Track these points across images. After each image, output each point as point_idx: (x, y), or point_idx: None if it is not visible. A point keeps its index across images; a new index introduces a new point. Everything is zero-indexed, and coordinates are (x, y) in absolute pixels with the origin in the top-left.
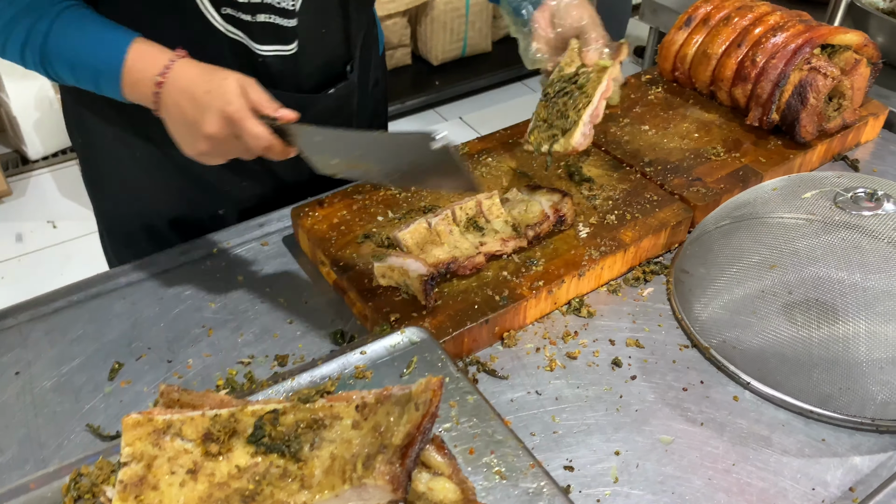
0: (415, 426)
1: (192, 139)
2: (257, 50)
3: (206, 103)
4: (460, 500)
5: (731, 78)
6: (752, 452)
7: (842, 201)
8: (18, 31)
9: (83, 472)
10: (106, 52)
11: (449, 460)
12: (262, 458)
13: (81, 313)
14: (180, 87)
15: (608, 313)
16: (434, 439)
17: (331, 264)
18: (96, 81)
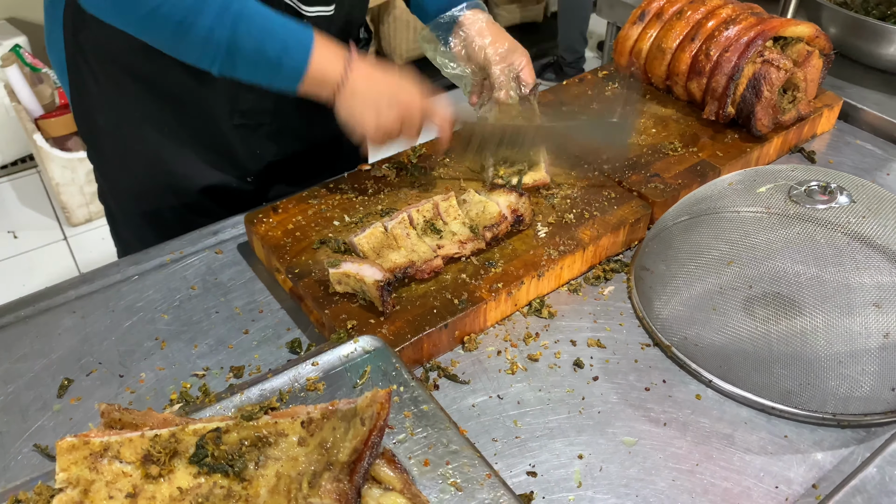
0: (362, 441)
1: (386, 108)
2: (304, 11)
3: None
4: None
5: (686, 72)
6: (716, 452)
7: (796, 195)
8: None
9: (21, 497)
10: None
11: (400, 474)
12: (206, 478)
13: (29, 329)
14: (370, 70)
15: (569, 313)
16: (384, 453)
17: (286, 271)
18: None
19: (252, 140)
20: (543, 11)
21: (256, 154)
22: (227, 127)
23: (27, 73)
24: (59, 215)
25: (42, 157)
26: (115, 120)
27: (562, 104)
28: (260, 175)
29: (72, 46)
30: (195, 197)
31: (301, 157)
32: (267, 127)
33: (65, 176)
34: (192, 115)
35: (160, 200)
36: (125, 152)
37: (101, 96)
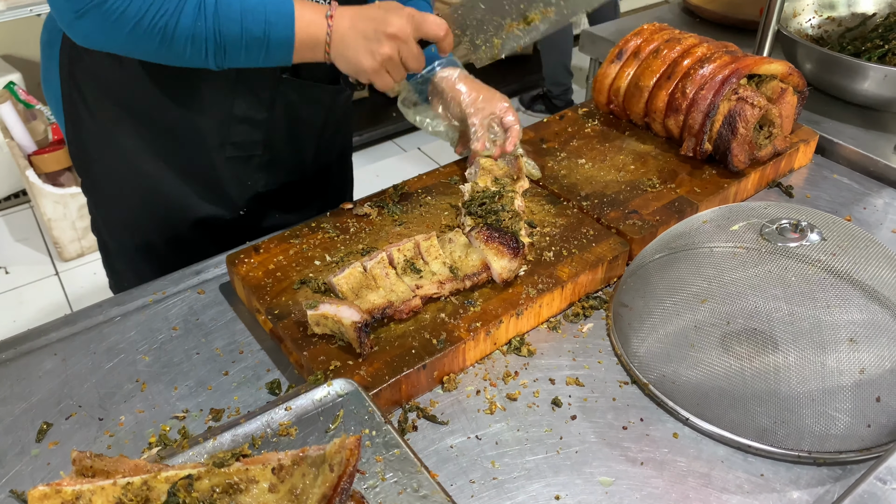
0: (330, 487)
1: (376, 44)
2: None
3: (385, 9)
4: None
5: (664, 109)
6: (692, 491)
7: (767, 233)
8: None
9: None
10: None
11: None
12: None
13: (9, 372)
14: (351, 13)
15: (548, 351)
16: (354, 495)
17: (266, 312)
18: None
19: (243, 171)
20: (532, 45)
21: (248, 185)
22: (218, 159)
23: (21, 109)
24: (51, 250)
25: (34, 192)
26: (109, 152)
27: (542, 141)
28: (252, 206)
29: (67, 81)
30: (188, 229)
31: (292, 187)
32: (258, 158)
33: (57, 211)
34: (184, 148)
35: (154, 233)
36: (119, 184)
37: (96, 129)
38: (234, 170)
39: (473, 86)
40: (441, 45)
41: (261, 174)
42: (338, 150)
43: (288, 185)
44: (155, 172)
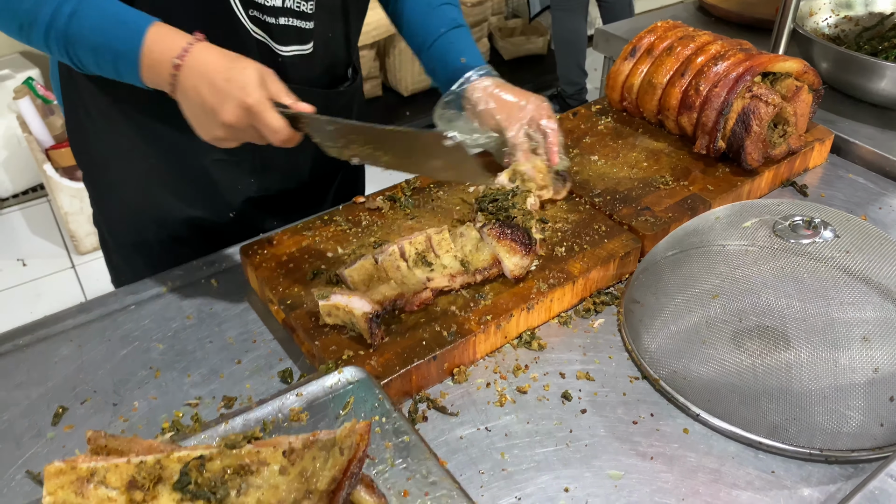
0: (340, 471)
1: (209, 125)
2: (279, 50)
3: (225, 91)
4: None
5: (677, 107)
6: (702, 486)
7: (780, 230)
8: (43, 13)
9: None
10: (126, 34)
11: (378, 499)
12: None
13: (26, 357)
14: (200, 72)
15: (559, 346)
16: (363, 478)
17: (278, 303)
18: (115, 65)
19: (233, 175)
20: (546, 44)
21: (238, 189)
22: (207, 161)
23: (39, 104)
24: (68, 244)
25: (52, 186)
26: (103, 149)
27: None
28: (246, 210)
29: (65, 77)
30: (180, 228)
31: (290, 195)
32: (249, 163)
33: (73, 205)
34: (174, 148)
35: (147, 230)
36: (113, 181)
37: (91, 125)
38: (223, 173)
39: (506, 94)
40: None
41: (253, 179)
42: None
43: (285, 192)
44: (146, 170)
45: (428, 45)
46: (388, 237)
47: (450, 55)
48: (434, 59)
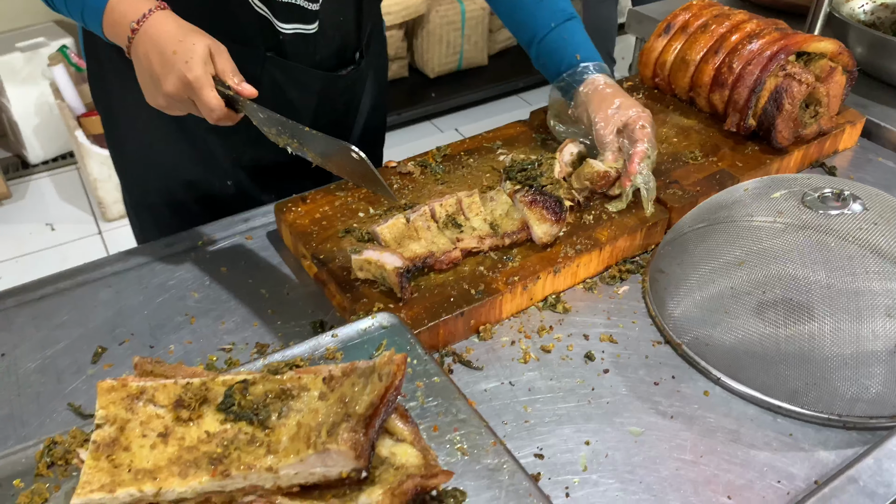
0: (378, 396)
1: (154, 92)
2: (280, 27)
3: (171, 63)
4: (422, 464)
5: (709, 84)
6: (720, 445)
7: (809, 201)
8: None
9: (57, 440)
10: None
11: (412, 428)
12: (231, 425)
13: (67, 300)
14: (152, 40)
15: (583, 310)
16: (398, 409)
17: (311, 257)
18: (82, 13)
19: (228, 144)
20: None
21: (234, 159)
22: (201, 129)
23: (72, 72)
24: (95, 210)
25: (82, 153)
26: (115, 103)
27: None
28: (241, 181)
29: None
30: (182, 191)
31: (287, 169)
32: (244, 134)
33: (102, 172)
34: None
35: (153, 190)
36: (123, 140)
37: (106, 82)
38: (219, 143)
39: (610, 94)
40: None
41: (247, 150)
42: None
43: (281, 165)
44: (150, 127)
45: (539, 39)
46: (419, 200)
47: (564, 51)
48: (546, 55)
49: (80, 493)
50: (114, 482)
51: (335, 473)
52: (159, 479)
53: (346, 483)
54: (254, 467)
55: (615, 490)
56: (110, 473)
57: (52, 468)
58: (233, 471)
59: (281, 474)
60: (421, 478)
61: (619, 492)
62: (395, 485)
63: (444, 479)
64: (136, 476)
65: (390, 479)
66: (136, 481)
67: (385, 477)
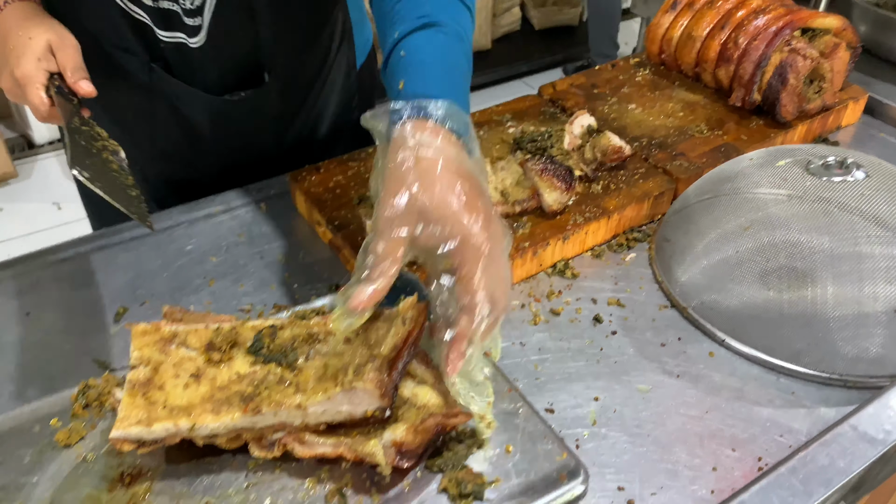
0: (401, 339)
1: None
2: (160, 34)
3: (5, 58)
4: (443, 404)
5: (715, 59)
6: (725, 402)
7: (813, 168)
8: None
9: (90, 383)
10: None
11: (433, 372)
12: (261, 367)
13: (86, 263)
14: (9, 25)
15: (591, 276)
16: (419, 353)
17: (326, 223)
18: None
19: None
20: (579, 15)
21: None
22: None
23: None
24: None
25: None
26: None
27: (593, 87)
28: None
29: None
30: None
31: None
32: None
33: None
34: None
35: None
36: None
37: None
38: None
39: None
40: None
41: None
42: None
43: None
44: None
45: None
46: None
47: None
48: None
49: (119, 426)
50: (150, 417)
51: (360, 412)
52: (193, 416)
53: (370, 422)
54: (283, 405)
55: (623, 442)
56: (147, 410)
57: (87, 409)
58: (263, 408)
59: (309, 412)
60: (442, 416)
61: (628, 444)
62: (417, 422)
63: (464, 418)
64: (172, 412)
65: (413, 418)
66: (171, 417)
67: (408, 416)
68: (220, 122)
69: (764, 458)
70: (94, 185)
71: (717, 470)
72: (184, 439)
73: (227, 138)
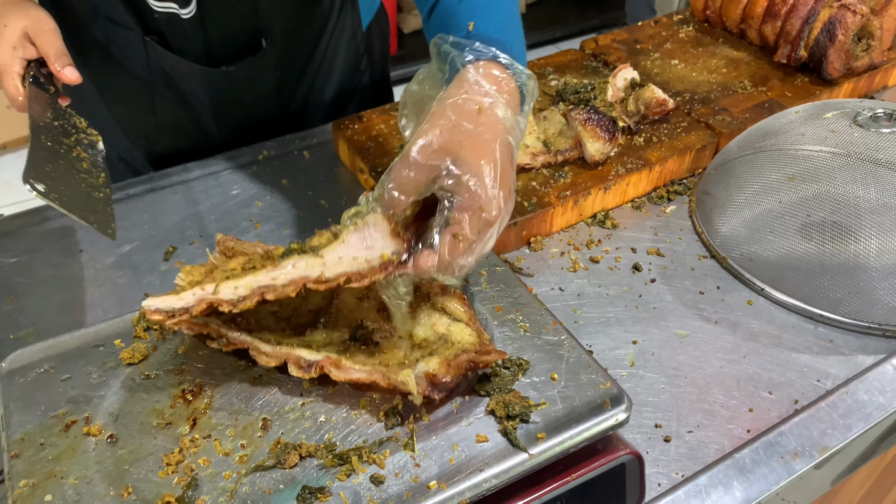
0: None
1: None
2: (152, 5)
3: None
4: (477, 342)
5: (762, 15)
6: (763, 348)
7: (861, 119)
8: None
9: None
10: None
11: (468, 310)
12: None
13: (137, 204)
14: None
15: (631, 226)
16: (455, 293)
17: (369, 170)
18: None
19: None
20: None
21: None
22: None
23: None
24: None
25: None
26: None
27: (636, 42)
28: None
29: None
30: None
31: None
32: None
33: None
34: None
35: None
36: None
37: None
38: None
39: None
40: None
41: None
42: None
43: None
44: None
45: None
46: None
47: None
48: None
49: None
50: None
51: (377, 257)
52: (218, 281)
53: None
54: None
55: (661, 383)
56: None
57: (147, 331)
58: (280, 261)
59: (326, 259)
60: (476, 353)
61: (665, 385)
62: (451, 357)
63: (496, 356)
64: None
65: (447, 353)
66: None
67: (442, 351)
68: (219, 94)
69: (800, 400)
70: (49, 198)
71: (754, 411)
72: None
73: (228, 110)
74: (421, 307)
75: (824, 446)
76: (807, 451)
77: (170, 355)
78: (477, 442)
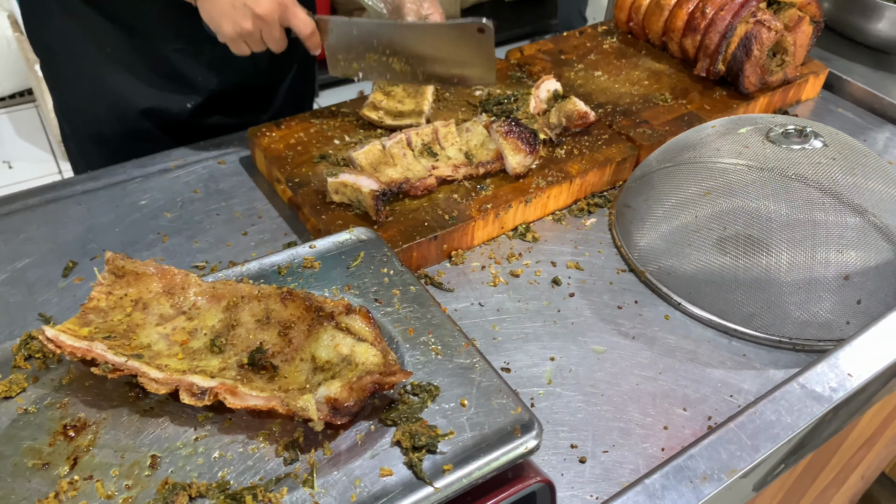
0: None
1: (240, 17)
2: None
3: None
4: (381, 363)
5: (682, 28)
6: (679, 364)
7: (773, 136)
8: None
9: (34, 334)
10: None
11: (373, 329)
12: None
13: (36, 216)
14: None
15: (552, 239)
16: (360, 311)
17: (286, 181)
18: None
19: (193, 67)
20: None
21: (198, 81)
22: (168, 50)
23: None
24: (55, 149)
25: (42, 88)
26: (61, 39)
27: (560, 53)
28: (200, 103)
29: None
30: (136, 119)
31: (241, 92)
32: (208, 55)
33: None
34: (135, 36)
35: (104, 123)
36: (70, 73)
37: (47, 13)
38: (184, 64)
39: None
40: (306, 44)
41: (211, 72)
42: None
43: (238, 88)
44: (103, 61)
45: None
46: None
47: None
48: None
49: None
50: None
51: None
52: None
53: None
54: None
55: (578, 402)
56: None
57: (29, 361)
58: None
59: None
60: (380, 374)
61: (582, 403)
62: (353, 379)
63: (401, 377)
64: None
65: (349, 375)
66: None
67: (345, 373)
68: None
69: (714, 416)
70: None
71: (669, 428)
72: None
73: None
74: (324, 327)
75: (732, 469)
76: (715, 475)
77: (51, 387)
78: (381, 476)
